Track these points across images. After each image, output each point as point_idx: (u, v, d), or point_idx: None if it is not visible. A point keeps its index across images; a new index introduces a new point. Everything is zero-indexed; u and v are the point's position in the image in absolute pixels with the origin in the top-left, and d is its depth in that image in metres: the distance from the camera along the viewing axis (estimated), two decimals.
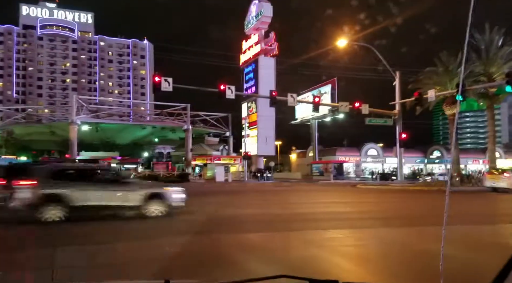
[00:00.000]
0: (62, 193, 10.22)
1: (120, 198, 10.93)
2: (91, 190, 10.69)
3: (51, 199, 10.12)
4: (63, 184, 10.49)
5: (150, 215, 11.01)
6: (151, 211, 11.10)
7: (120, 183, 11.37)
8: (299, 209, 15.23)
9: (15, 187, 10.22)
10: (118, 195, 10.94)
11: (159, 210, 11.17)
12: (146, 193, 11.17)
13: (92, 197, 10.55)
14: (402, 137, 29.02)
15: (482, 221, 11.26)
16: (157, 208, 11.19)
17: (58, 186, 10.35)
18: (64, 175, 11.09)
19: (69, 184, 10.57)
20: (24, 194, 10.08)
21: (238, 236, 8.88)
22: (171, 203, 11.37)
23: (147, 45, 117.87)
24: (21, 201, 10.07)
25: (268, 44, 58.10)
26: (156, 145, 70.86)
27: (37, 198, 10.00)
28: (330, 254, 6.96)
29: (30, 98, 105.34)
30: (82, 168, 12.62)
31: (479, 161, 63.29)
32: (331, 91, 52.63)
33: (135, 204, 10.98)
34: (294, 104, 30.45)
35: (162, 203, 11.26)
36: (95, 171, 12.34)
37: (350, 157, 63.15)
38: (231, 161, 54.34)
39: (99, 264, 6.16)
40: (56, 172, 11.06)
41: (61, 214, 10.14)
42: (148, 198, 11.13)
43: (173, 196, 11.52)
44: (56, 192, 10.21)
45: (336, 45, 31.12)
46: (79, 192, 10.38)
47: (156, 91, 25.87)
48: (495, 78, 28.36)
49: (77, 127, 48.82)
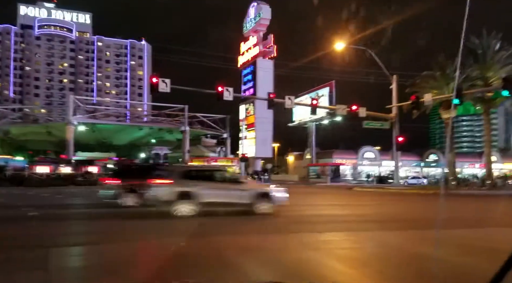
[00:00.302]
0: (193, 191, 11.69)
1: (236, 196, 12.24)
2: (215, 188, 12.15)
3: (184, 196, 11.64)
4: (193, 183, 11.99)
5: (259, 212, 12.28)
6: (260, 208, 12.38)
7: (236, 182, 12.92)
8: (295, 211, 15.21)
9: (152, 185, 11.96)
10: (235, 193, 12.27)
11: (266, 207, 12.41)
12: (257, 192, 12.62)
13: (215, 194, 11.93)
14: (399, 141, 29.05)
15: (474, 225, 11.28)
16: (265, 206, 12.44)
17: (189, 185, 11.84)
18: (192, 175, 12.69)
19: (197, 183, 12.05)
20: (160, 192, 11.77)
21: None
22: (276, 201, 12.63)
23: (145, 46, 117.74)
24: (156, 197, 11.83)
25: (266, 46, 58.15)
26: (153, 146, 70.63)
27: (172, 195, 11.55)
28: (326, 257, 6.96)
29: (27, 98, 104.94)
30: (206, 169, 14.79)
31: (475, 164, 63.47)
32: (328, 94, 52.79)
33: (248, 201, 12.32)
34: (291, 107, 30.49)
35: (269, 202, 12.52)
36: (216, 172, 13.78)
37: (347, 159, 63.18)
38: (228, 162, 54.21)
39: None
40: (186, 172, 12.87)
41: (192, 209, 11.59)
42: (258, 197, 12.46)
43: (278, 195, 12.83)
44: (188, 190, 11.71)
45: (334, 49, 31.19)
46: (206, 190, 11.84)
47: (153, 92, 25.79)
48: (491, 82, 28.52)
49: (74, 128, 48.64)
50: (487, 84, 28.60)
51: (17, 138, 57.97)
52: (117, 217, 12.42)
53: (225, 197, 12.09)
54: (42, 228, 10.17)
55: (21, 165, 43.08)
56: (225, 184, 12.57)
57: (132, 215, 12.93)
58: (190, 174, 12.79)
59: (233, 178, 13.35)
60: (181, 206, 11.58)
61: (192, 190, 11.72)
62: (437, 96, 28.20)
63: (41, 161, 43.16)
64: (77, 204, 19.24)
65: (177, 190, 11.66)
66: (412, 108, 29.17)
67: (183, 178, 12.18)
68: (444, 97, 28.22)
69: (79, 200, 20.96)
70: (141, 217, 12.56)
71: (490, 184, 31.62)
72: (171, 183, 11.86)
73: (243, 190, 12.42)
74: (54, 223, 11.39)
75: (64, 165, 40.12)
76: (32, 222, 11.58)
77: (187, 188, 11.76)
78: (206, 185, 12.11)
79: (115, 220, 11.89)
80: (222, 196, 12.03)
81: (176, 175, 12.39)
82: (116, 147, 63.99)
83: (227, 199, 12.13)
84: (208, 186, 12.07)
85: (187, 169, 13.23)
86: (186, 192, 11.68)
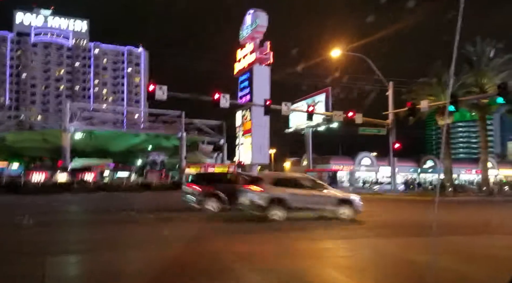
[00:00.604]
0: (283, 197, 12.73)
1: (320, 202, 13.22)
2: (301, 194, 13.08)
3: (275, 201, 12.66)
4: (282, 189, 12.99)
5: (340, 217, 13.10)
6: (341, 213, 13.22)
7: (320, 189, 13.67)
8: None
9: (246, 191, 13.29)
10: (319, 199, 13.23)
11: (347, 213, 13.20)
12: (339, 198, 13.51)
13: (302, 200, 12.94)
14: (395, 147, 29.12)
15: (472, 232, 11.29)
16: (345, 212, 13.24)
17: (279, 191, 12.85)
18: (281, 183, 13.57)
19: (286, 189, 13.00)
20: (254, 197, 12.88)
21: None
22: (355, 208, 13.37)
23: (142, 53, 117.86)
24: (251, 202, 12.99)
25: (263, 53, 58.28)
26: (150, 152, 70.45)
27: (265, 201, 12.61)
28: (322, 265, 6.93)
29: (23, 105, 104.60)
30: (293, 177, 15.51)
31: (472, 171, 63.63)
32: (325, 100, 52.80)
33: (331, 207, 13.26)
34: (288, 113, 30.55)
35: (349, 208, 13.28)
36: (302, 179, 14.68)
37: (344, 165, 63.23)
38: (225, 169, 54.14)
39: None
40: (276, 179, 13.84)
41: (283, 214, 12.62)
42: (340, 203, 13.33)
43: (357, 202, 13.53)
44: (280, 196, 12.74)
45: (330, 55, 31.31)
46: (294, 196, 12.86)
47: (150, 99, 25.81)
48: (487, 89, 28.70)
49: (70, 135, 48.48)
50: (482, 91, 28.78)
51: (13, 145, 57.69)
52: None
53: (311, 202, 13.07)
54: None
55: (17, 172, 42.88)
56: (310, 191, 13.42)
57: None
58: (279, 181, 13.70)
59: (317, 185, 14.20)
60: (273, 210, 12.62)
61: (283, 196, 12.74)
62: (433, 103, 28.33)
63: (37, 168, 43.00)
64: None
65: (270, 196, 12.70)
66: (408, 115, 29.28)
67: (273, 185, 13.19)
68: (440, 104, 28.36)
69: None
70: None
71: (487, 190, 31.70)
72: (262, 190, 12.82)
73: (327, 196, 13.38)
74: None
75: (60, 172, 39.96)
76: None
77: (278, 194, 12.78)
78: (294, 191, 13.07)
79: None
80: (308, 202, 13.02)
81: (267, 182, 13.35)
82: (113, 154, 63.75)
83: (312, 205, 13.12)
84: (296, 192, 13.04)
85: (276, 177, 14.42)
86: (278, 197, 12.70)
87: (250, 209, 13.30)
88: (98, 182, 38.26)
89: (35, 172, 39.46)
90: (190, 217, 14.43)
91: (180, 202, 17.24)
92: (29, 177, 37.02)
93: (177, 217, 14.69)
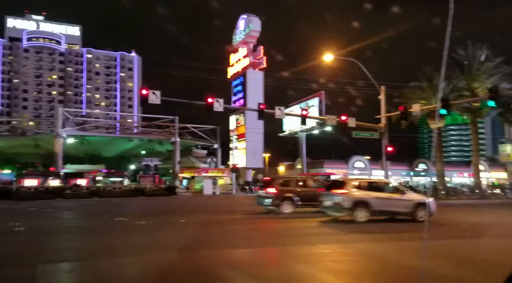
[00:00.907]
0: (367, 200, 13.53)
1: (399, 205, 13.97)
2: (383, 198, 13.91)
3: (359, 204, 13.51)
4: (365, 192, 13.82)
5: (417, 219, 13.75)
6: (418, 216, 13.87)
7: (398, 193, 14.44)
8: (287, 223, 15.17)
9: (330, 194, 14.28)
10: (398, 202, 13.98)
11: (423, 216, 13.57)
12: (416, 201, 14.17)
13: (384, 203, 13.75)
14: (388, 151, 29.23)
15: (466, 236, 11.35)
16: (422, 214, 13.70)
17: (363, 195, 13.70)
18: (364, 187, 14.34)
19: (369, 193, 13.83)
20: (339, 200, 13.71)
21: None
22: (430, 210, 13.54)
23: (135, 58, 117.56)
24: (336, 205, 13.82)
25: (256, 57, 58.51)
26: (143, 157, 70.13)
27: (350, 203, 13.48)
28: (317, 270, 6.93)
29: (15, 110, 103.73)
30: (375, 181, 16.90)
31: (464, 174, 64.06)
32: (318, 104, 52.97)
33: (408, 210, 13.97)
34: (281, 117, 30.50)
35: (425, 210, 13.33)
36: (382, 183, 15.90)
37: (338, 169, 63.38)
38: (219, 173, 54.02)
39: None
40: (359, 184, 14.51)
41: (366, 216, 13.46)
42: (418, 206, 13.98)
43: (431, 205, 13.98)
44: (363, 199, 13.57)
45: (324, 60, 31.42)
46: (376, 200, 13.65)
47: (143, 104, 25.72)
48: (478, 93, 28.98)
49: (63, 140, 48.13)
50: (473, 94, 29.06)
51: (4, 151, 57.14)
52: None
53: (391, 205, 13.87)
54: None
55: (9, 178, 42.46)
56: (389, 194, 14.30)
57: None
58: (362, 185, 14.47)
59: (397, 189, 15.00)
60: (358, 212, 13.42)
61: (366, 199, 13.56)
62: (425, 107, 28.54)
63: (30, 174, 42.61)
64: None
65: (354, 199, 13.54)
66: (400, 119, 29.45)
67: (356, 188, 14.03)
68: (432, 107, 28.58)
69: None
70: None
71: (479, 193, 31.93)
72: (347, 193, 13.67)
73: (405, 200, 14.11)
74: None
75: (53, 178, 39.63)
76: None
77: (362, 197, 13.62)
78: (376, 194, 13.91)
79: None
80: (389, 205, 13.84)
81: (350, 186, 14.16)
82: (106, 159, 63.41)
83: (392, 208, 13.92)
84: (378, 196, 13.87)
85: (359, 180, 15.23)
86: (362, 200, 13.54)
87: (333, 211, 14.28)
88: (91, 188, 37.98)
89: (28, 178, 39.12)
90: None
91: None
92: (21, 183, 36.68)
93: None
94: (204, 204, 27.99)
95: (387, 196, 14.12)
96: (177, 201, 31.97)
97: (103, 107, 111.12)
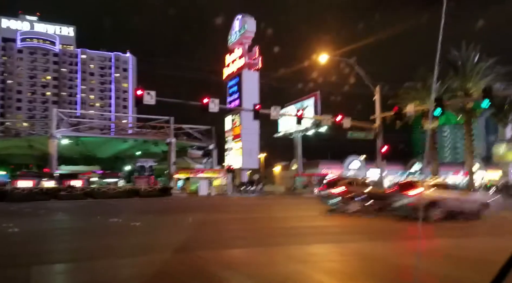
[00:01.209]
0: (440, 200, 14.21)
1: (467, 204, 14.94)
2: (454, 198, 14.68)
3: (433, 204, 14.10)
4: (438, 193, 14.55)
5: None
6: (484, 214, 14.81)
7: (465, 193, 15.59)
8: (283, 223, 15.20)
9: (403, 195, 14.85)
10: (467, 202, 15.05)
11: (437, 215, 14.15)
12: (482, 201, 15.30)
13: (454, 203, 14.58)
14: (383, 151, 29.37)
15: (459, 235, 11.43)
16: (487, 213, 14.79)
17: (436, 195, 14.40)
18: (436, 188, 15.20)
19: (441, 194, 14.57)
20: (411, 200, 14.29)
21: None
22: (494, 209, 14.89)
23: (130, 58, 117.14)
24: (408, 205, 14.28)
25: (251, 58, 58.51)
26: (138, 158, 69.90)
27: (424, 203, 14.11)
28: (312, 270, 6.96)
29: (8, 111, 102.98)
30: (446, 183, 17.66)
31: (458, 173, 64.39)
32: (313, 104, 53.15)
33: (475, 209, 14.93)
34: (277, 118, 30.60)
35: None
36: (452, 185, 17.13)
37: (333, 169, 63.49)
38: (214, 174, 53.92)
39: None
40: (432, 185, 15.36)
41: (440, 215, 14.02)
42: (483, 205, 15.05)
43: (494, 204, 15.11)
44: (436, 199, 14.21)
45: (318, 60, 31.46)
46: (448, 200, 14.36)
47: (138, 105, 25.65)
48: (471, 93, 29.16)
49: (57, 141, 47.87)
50: (467, 95, 29.23)
51: None
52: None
53: (459, 205, 14.70)
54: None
55: (3, 179, 42.16)
56: (460, 195, 15.35)
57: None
58: (434, 186, 15.32)
59: (464, 190, 16.26)
60: (431, 212, 13.92)
61: (439, 199, 14.25)
62: (419, 107, 28.68)
63: (24, 175, 42.34)
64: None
65: (428, 199, 14.28)
66: (395, 119, 29.58)
67: (429, 189, 14.89)
68: (426, 108, 28.72)
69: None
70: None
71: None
72: (421, 194, 14.46)
73: (473, 200, 15.24)
74: None
75: (47, 179, 39.41)
76: None
77: (435, 197, 14.35)
78: (448, 195, 14.69)
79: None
80: (459, 204, 14.69)
81: (423, 187, 15.12)
82: (101, 160, 63.17)
83: (461, 207, 14.70)
84: (449, 196, 14.66)
85: (431, 182, 16.14)
86: (435, 200, 14.18)
87: (406, 211, 14.64)
88: (86, 189, 37.81)
89: (22, 179, 38.88)
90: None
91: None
92: (15, 184, 36.45)
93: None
94: (199, 205, 27.95)
95: (458, 197, 15.09)
96: (172, 201, 31.90)
97: (97, 108, 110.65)
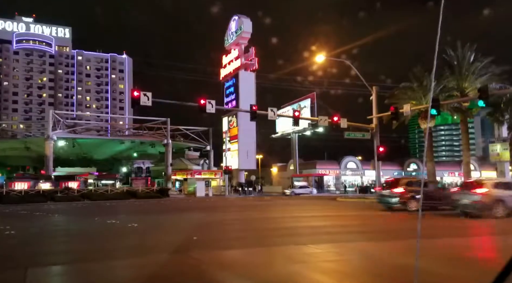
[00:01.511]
0: (505, 198, 14.95)
1: None
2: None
3: (498, 202, 14.87)
4: (502, 191, 15.23)
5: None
6: (496, 212, 15.10)
7: None
8: (280, 223, 15.20)
9: (468, 193, 15.55)
10: None
11: (501, 212, 14.94)
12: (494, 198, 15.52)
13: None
14: (380, 151, 29.43)
15: (458, 235, 11.46)
16: (500, 211, 15.04)
17: (501, 193, 15.09)
18: (500, 186, 15.80)
19: (505, 192, 15.21)
20: (477, 198, 15.03)
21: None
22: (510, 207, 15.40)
23: (126, 60, 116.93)
24: (473, 203, 15.12)
25: (248, 59, 58.53)
26: (135, 159, 69.83)
27: (490, 201, 14.89)
28: (310, 270, 6.95)
29: (4, 113, 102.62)
30: (507, 181, 18.35)
31: (455, 173, 64.67)
32: (310, 105, 53.27)
33: None
34: (274, 119, 30.56)
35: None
36: None
37: (330, 170, 63.63)
38: (211, 175, 53.93)
39: None
40: (496, 184, 16.05)
41: (504, 212, 14.78)
42: (494, 202, 15.19)
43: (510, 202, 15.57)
44: (502, 197, 14.98)
45: (316, 61, 31.55)
46: (511, 197, 15.00)
47: (135, 106, 25.56)
48: (467, 93, 29.24)
49: (53, 143, 47.73)
50: (463, 94, 29.31)
51: None
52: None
53: None
54: None
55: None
56: None
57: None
58: (498, 185, 15.90)
59: None
60: (496, 209, 14.74)
61: (504, 197, 14.94)
62: (415, 107, 28.75)
63: (20, 177, 42.18)
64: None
65: (494, 197, 14.91)
66: (391, 119, 29.64)
67: (494, 188, 15.41)
68: (422, 107, 28.80)
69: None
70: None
71: None
72: (487, 192, 15.00)
73: None
74: None
75: (44, 181, 39.28)
76: None
77: (500, 195, 14.97)
78: (508, 192, 15.18)
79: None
80: None
81: (489, 186, 15.56)
82: (97, 162, 63.10)
83: None
84: (510, 193, 15.11)
85: (498, 181, 16.77)
86: (500, 198, 14.89)
87: (471, 209, 15.39)
88: (82, 191, 37.69)
89: (18, 181, 38.73)
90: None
91: None
92: (12, 186, 36.30)
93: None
94: (196, 206, 27.90)
95: None
96: (169, 203, 31.84)
97: (94, 110, 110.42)
